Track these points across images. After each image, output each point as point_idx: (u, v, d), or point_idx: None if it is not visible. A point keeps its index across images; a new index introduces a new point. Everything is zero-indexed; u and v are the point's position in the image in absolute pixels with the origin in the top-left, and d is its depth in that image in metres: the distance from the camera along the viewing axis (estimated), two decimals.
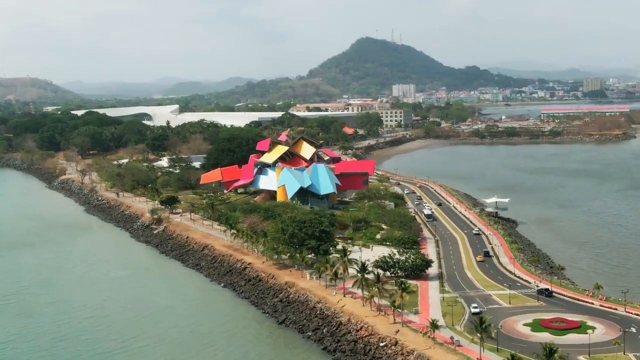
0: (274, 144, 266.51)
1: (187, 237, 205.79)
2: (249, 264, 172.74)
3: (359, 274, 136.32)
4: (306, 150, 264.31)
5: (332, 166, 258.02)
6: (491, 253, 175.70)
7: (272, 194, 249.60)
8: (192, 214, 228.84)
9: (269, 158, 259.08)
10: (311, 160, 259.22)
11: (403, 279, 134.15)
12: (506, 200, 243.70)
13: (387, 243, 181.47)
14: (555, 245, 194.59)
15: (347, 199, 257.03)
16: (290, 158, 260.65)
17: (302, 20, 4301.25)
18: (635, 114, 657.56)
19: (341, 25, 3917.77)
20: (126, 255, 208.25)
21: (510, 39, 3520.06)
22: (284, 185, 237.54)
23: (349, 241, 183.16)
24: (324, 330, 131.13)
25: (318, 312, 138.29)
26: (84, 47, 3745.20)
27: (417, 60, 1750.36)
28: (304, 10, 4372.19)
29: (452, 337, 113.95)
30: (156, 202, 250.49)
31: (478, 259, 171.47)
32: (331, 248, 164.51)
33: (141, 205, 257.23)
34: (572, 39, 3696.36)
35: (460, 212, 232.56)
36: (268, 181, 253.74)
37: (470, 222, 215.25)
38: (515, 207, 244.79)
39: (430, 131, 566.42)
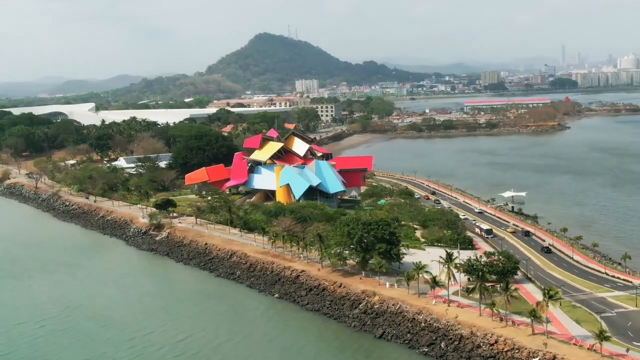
0: (265, 140, 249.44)
1: (206, 244, 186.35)
2: (302, 271, 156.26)
3: (475, 281, 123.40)
4: (299, 146, 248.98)
5: (333, 162, 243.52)
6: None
7: (267, 194, 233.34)
8: (196, 218, 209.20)
9: (261, 156, 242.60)
10: (305, 157, 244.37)
11: (547, 286, 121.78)
12: (523, 194, 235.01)
13: (440, 244, 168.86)
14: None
15: (346, 197, 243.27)
16: (282, 155, 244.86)
17: (189, 16, 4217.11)
18: (557, 105, 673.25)
19: (230, 21, 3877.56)
20: (142, 267, 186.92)
21: (393, 34, 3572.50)
22: (287, 184, 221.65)
23: None
24: (442, 345, 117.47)
25: (423, 324, 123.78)
26: None
27: (315, 56, 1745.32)
28: (190, 6, 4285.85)
29: (628, 350, 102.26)
30: (140, 205, 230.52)
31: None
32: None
33: (124, 209, 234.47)
34: (451, 34, 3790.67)
35: (480, 209, 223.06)
36: (264, 180, 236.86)
37: (499, 219, 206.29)
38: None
39: (366, 126, 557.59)
